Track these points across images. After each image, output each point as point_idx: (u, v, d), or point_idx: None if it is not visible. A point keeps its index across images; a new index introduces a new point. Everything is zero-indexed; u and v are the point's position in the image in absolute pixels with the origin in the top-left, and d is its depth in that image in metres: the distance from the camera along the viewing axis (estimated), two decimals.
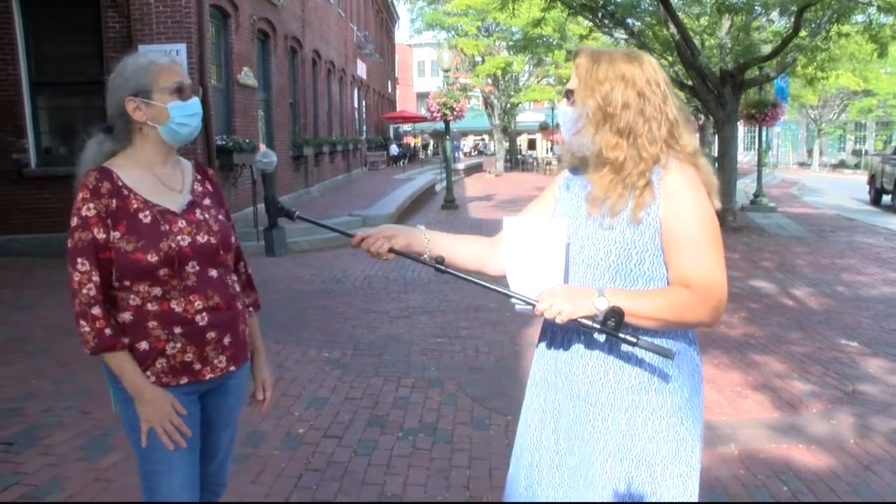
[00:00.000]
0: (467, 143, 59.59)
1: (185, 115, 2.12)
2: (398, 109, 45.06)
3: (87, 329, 2.00)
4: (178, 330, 2.07)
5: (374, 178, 25.73)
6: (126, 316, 2.06)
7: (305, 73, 19.31)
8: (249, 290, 2.40)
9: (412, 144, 44.88)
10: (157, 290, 2.06)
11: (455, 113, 17.89)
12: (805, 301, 8.03)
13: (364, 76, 30.73)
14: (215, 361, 2.14)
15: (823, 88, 30.76)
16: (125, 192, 2.06)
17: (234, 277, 2.28)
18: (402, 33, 54.30)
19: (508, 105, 38.02)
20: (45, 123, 10.99)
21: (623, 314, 1.70)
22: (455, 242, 2.11)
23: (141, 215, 2.06)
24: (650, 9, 15.72)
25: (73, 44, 10.83)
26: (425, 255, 2.02)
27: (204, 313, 2.10)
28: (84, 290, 2.00)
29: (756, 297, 8.21)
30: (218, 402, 2.25)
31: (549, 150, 28.83)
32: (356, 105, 29.59)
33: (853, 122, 49.28)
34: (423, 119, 34.94)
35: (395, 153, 37.13)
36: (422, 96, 44.40)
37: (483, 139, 60.43)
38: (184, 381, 2.10)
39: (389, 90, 43.07)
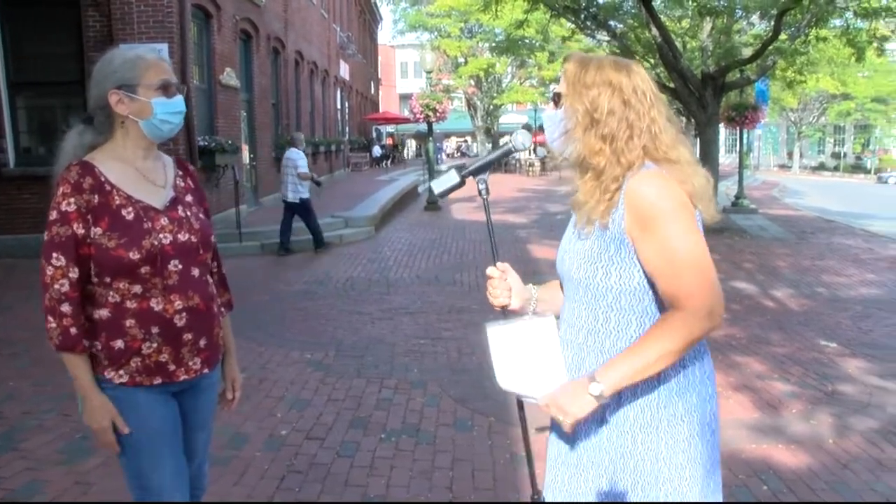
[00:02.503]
0: (450, 144, 59.62)
1: (169, 113, 2.10)
2: (381, 111, 45.02)
3: (54, 325, 2.00)
4: (155, 330, 2.04)
5: (357, 179, 25.69)
6: (103, 313, 2.03)
7: (288, 74, 19.26)
8: (223, 290, 2.37)
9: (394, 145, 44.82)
10: (138, 288, 2.03)
11: (438, 114, 17.91)
12: (785, 302, 8.10)
13: (347, 77, 30.68)
14: (190, 363, 2.11)
15: (803, 91, 31.13)
16: (108, 187, 2.03)
17: (212, 274, 2.27)
18: (385, 34, 54.33)
19: (491, 106, 38.12)
20: (24, 123, 10.90)
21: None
22: (550, 292, 2.07)
23: (124, 212, 2.02)
24: (632, 11, 15.80)
25: (53, 43, 10.74)
26: (528, 314, 1.99)
27: (183, 314, 2.07)
28: (56, 286, 1.98)
29: (737, 298, 8.26)
30: (191, 402, 2.21)
31: (532, 151, 28.99)
32: (339, 106, 29.54)
33: (832, 125, 49.86)
34: (407, 120, 34.94)
35: (378, 154, 37.08)
36: (405, 97, 44.43)
37: (466, 141, 60.50)
38: (157, 381, 2.07)
39: (372, 91, 43.03)
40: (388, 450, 4.07)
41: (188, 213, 2.14)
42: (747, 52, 14.49)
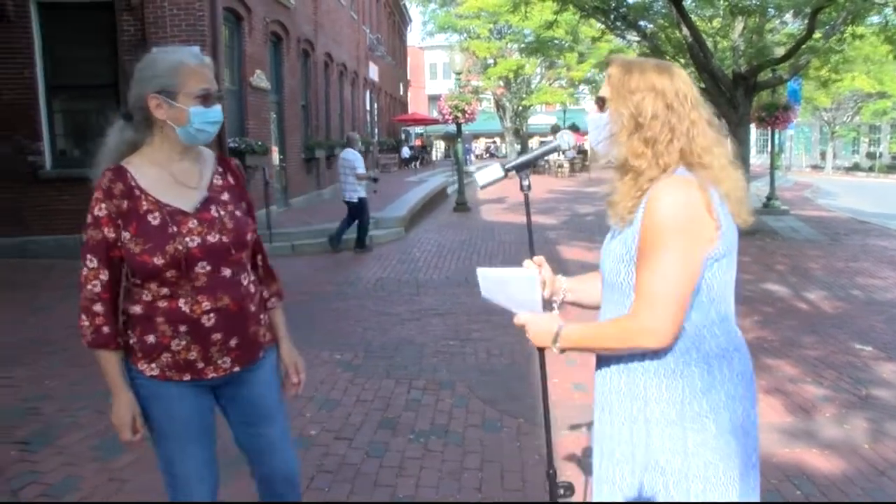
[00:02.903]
0: (479, 145, 59.60)
1: (205, 122, 2.13)
2: (410, 112, 45.11)
3: (87, 324, 2.08)
4: (183, 329, 2.09)
5: (386, 180, 25.78)
6: (137, 309, 2.11)
7: (318, 76, 19.38)
8: (270, 281, 2.40)
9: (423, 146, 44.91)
10: (166, 290, 2.08)
11: (467, 115, 17.90)
12: (819, 305, 7.99)
13: (376, 78, 30.79)
14: (219, 362, 2.16)
15: (837, 91, 30.60)
16: (137, 192, 2.07)
17: (250, 276, 2.26)
18: (415, 36, 54.40)
19: (520, 107, 38.00)
20: (60, 126, 11.10)
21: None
22: (581, 284, 2.18)
23: (150, 217, 2.07)
24: (663, 11, 15.68)
25: (89, 47, 10.92)
26: (556, 302, 2.15)
27: (211, 314, 2.10)
28: (89, 286, 2.06)
29: (769, 300, 8.17)
30: (231, 397, 2.27)
31: (562, 153, 28.85)
32: (368, 107, 29.66)
33: (867, 124, 48.93)
34: (435, 122, 34.98)
35: (407, 156, 37.18)
36: (433, 99, 44.43)
37: (495, 142, 60.38)
38: (186, 377, 2.13)
39: (401, 92, 43.14)
40: (417, 450, 4.09)
41: (221, 213, 2.16)
42: (779, 52, 14.30)
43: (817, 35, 13.04)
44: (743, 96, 13.46)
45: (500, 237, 13.08)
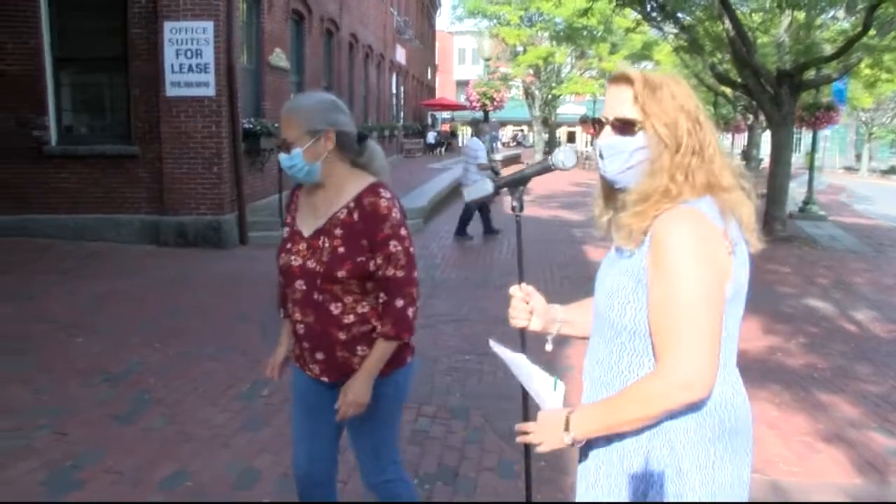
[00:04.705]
0: (506, 133, 58.80)
1: (286, 167, 2.35)
2: (437, 97, 44.45)
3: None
4: (293, 328, 2.48)
5: (410, 166, 25.10)
6: None
7: (341, 57, 18.77)
8: (386, 320, 2.38)
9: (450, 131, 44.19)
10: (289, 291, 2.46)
11: (495, 103, 17.28)
12: (869, 327, 7.31)
13: (403, 62, 30.14)
14: (310, 366, 2.46)
15: (880, 91, 29.52)
16: (293, 209, 2.51)
17: (351, 307, 2.36)
18: (444, 20, 53.66)
19: (549, 96, 37.27)
20: (66, 100, 10.56)
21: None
22: (579, 314, 1.98)
23: (286, 230, 2.48)
24: (703, 3, 14.91)
25: (98, 18, 10.35)
26: (549, 338, 1.99)
27: (301, 326, 2.42)
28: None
29: (813, 319, 7.50)
30: (333, 399, 2.42)
31: (589, 143, 28.49)
32: (394, 91, 29.04)
33: None
34: (463, 107, 34.32)
35: (432, 141, 36.50)
36: (461, 84, 43.79)
37: (522, 130, 59.63)
38: (297, 366, 2.55)
39: (429, 77, 42.46)
40: (420, 499, 3.50)
41: (325, 245, 2.34)
42: (828, 49, 13.49)
43: (871, 32, 12.20)
44: (788, 94, 12.65)
45: (525, 233, 12.42)
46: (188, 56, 9.92)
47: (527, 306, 1.95)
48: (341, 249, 2.31)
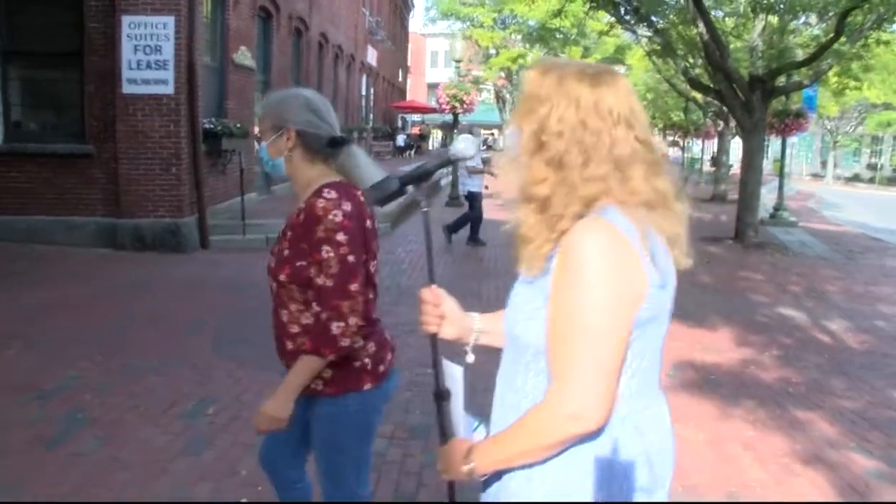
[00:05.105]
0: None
1: (260, 158, 2.40)
2: (408, 99, 44.13)
3: None
4: None
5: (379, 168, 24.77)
6: None
7: (310, 57, 18.41)
8: (315, 333, 2.18)
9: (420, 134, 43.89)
10: None
11: (465, 106, 17.03)
12: (842, 338, 7.16)
13: (374, 63, 29.80)
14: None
15: (844, 100, 29.76)
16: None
17: (295, 316, 2.23)
18: (417, 22, 53.40)
19: None
20: (15, 95, 10.11)
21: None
22: (497, 324, 1.77)
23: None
24: (678, 6, 14.80)
25: (52, 11, 9.92)
26: (468, 346, 1.83)
27: (273, 327, 2.31)
28: None
29: (787, 329, 7.34)
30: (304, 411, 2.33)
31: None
32: (363, 92, 28.68)
33: (870, 135, 48.25)
34: (433, 110, 34.07)
35: (402, 144, 36.17)
36: (433, 87, 43.52)
37: (492, 134, 59.57)
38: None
39: (400, 79, 42.13)
40: None
41: (280, 247, 2.24)
42: (800, 55, 13.43)
43: (842, 39, 12.15)
44: (759, 100, 12.56)
45: (495, 238, 12.18)
46: (147, 52, 9.54)
47: (437, 310, 1.78)
48: (286, 252, 2.22)
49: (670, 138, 46.03)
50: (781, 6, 12.43)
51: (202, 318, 6.57)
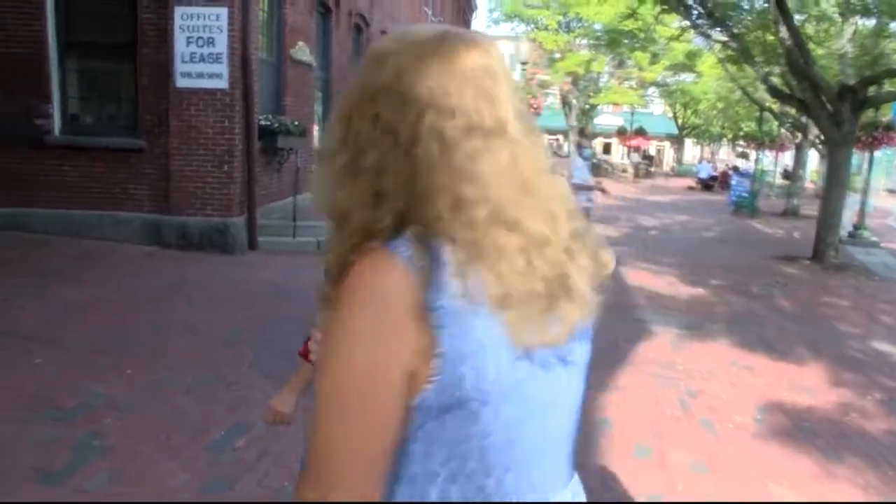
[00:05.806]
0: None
1: None
2: None
3: None
4: None
5: None
6: None
7: None
8: None
9: None
10: None
11: (531, 110, 16.42)
12: None
13: None
14: None
15: None
16: None
17: None
18: (480, 23, 52.98)
19: (587, 106, 36.43)
20: (72, 87, 9.87)
21: None
22: None
23: None
24: (758, 9, 13.98)
25: (106, 2, 9.67)
26: None
27: None
28: None
29: (887, 368, 6.56)
30: None
31: (626, 156, 27.67)
32: None
33: None
34: None
35: None
36: None
37: (557, 139, 58.87)
38: None
39: None
40: None
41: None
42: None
43: None
44: (849, 111, 11.64)
45: None
46: (199, 44, 9.19)
47: None
48: None
49: (739, 149, 44.60)
50: (877, 10, 11.48)
51: (242, 326, 6.13)
